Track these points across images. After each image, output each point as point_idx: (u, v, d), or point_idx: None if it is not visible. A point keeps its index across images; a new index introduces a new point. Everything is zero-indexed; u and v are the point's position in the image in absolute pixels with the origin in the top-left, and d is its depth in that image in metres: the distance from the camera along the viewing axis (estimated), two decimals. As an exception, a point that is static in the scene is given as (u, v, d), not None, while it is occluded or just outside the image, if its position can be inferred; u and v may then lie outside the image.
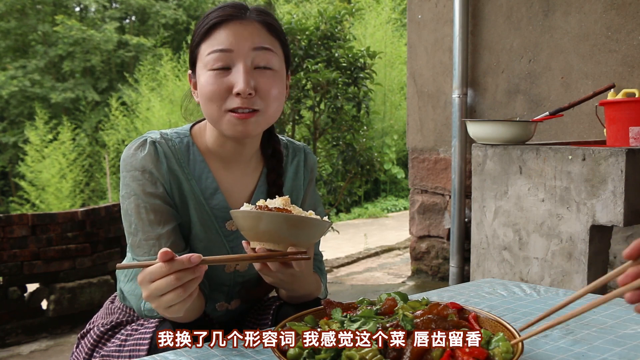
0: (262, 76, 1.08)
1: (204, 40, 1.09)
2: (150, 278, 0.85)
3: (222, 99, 1.06)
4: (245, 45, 1.06)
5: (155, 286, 0.85)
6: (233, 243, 1.19)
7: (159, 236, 1.09)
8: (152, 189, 1.09)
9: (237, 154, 1.18)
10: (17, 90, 15.27)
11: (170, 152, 1.13)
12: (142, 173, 1.09)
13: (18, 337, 3.28)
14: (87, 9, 18.58)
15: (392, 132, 12.04)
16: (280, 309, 1.21)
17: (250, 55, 1.06)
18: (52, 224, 3.38)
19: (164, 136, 1.15)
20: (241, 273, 1.22)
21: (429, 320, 0.82)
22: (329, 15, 5.21)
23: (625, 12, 2.82)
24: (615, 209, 1.90)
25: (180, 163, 1.14)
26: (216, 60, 1.06)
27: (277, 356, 0.77)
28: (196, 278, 0.87)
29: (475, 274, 2.39)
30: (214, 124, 1.10)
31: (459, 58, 3.43)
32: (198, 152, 1.16)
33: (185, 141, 1.17)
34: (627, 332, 0.95)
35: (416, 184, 3.99)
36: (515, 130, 2.26)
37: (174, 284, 0.84)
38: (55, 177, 12.34)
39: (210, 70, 1.06)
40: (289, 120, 5.21)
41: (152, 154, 1.10)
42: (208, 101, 1.07)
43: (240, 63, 1.06)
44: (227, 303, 1.23)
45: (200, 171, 1.15)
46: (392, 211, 11.00)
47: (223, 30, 1.07)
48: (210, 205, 1.15)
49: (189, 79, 1.18)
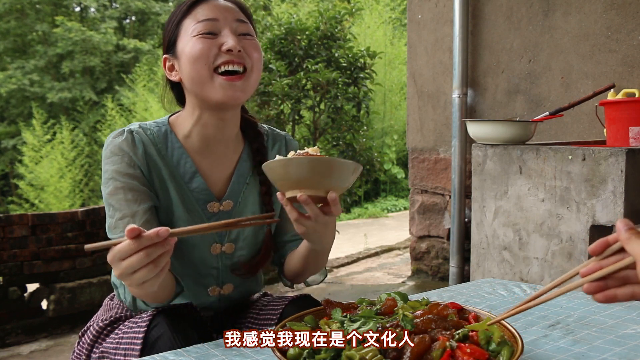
0: (246, 40, 1.15)
1: (186, 17, 1.15)
2: (120, 256, 0.85)
3: (210, 57, 1.11)
4: (229, 15, 1.15)
5: (126, 264, 0.85)
6: None
7: (134, 213, 1.11)
8: (129, 170, 1.13)
9: (219, 134, 1.21)
10: (16, 89, 15.26)
11: (148, 140, 1.17)
12: (121, 157, 1.13)
13: (18, 337, 3.28)
14: (87, 9, 18.58)
15: (392, 132, 12.04)
16: (284, 311, 1.21)
17: (233, 23, 1.15)
18: (52, 224, 3.38)
19: (142, 126, 1.20)
20: (228, 255, 1.23)
21: (429, 320, 0.82)
22: (329, 15, 5.21)
23: (625, 12, 2.82)
24: (615, 209, 1.90)
25: (159, 150, 1.18)
26: (203, 27, 1.12)
27: (277, 356, 0.77)
28: (166, 252, 0.87)
29: (475, 274, 2.39)
30: (201, 87, 1.13)
31: (459, 58, 3.43)
32: (176, 139, 1.20)
33: (164, 129, 1.21)
34: (627, 332, 0.95)
35: (416, 184, 3.99)
36: (515, 130, 2.26)
37: (145, 260, 0.84)
38: (54, 177, 12.33)
39: (197, 35, 1.12)
40: (289, 120, 5.21)
41: (129, 140, 1.15)
42: (196, 61, 1.11)
43: (227, 28, 1.13)
44: (219, 287, 1.24)
45: (178, 156, 1.19)
46: (392, 211, 11.00)
47: (205, 5, 1.15)
48: (191, 189, 1.19)
49: (164, 63, 1.21)
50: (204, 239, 1.19)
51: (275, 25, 5.38)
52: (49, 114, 15.15)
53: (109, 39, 16.42)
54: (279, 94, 4.94)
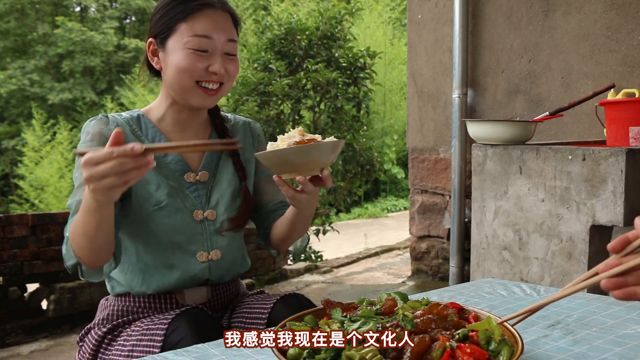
0: (230, 62, 1.27)
1: (185, 20, 1.22)
2: (96, 161, 0.90)
3: (196, 73, 1.22)
4: (222, 35, 1.24)
5: (98, 169, 0.90)
6: (195, 193, 1.29)
7: None
8: (100, 146, 1.17)
9: (191, 120, 1.33)
10: (16, 89, 15.25)
11: (122, 121, 1.28)
12: (92, 135, 1.23)
13: (18, 337, 3.28)
14: (87, 8, 18.57)
15: (392, 132, 12.04)
16: (273, 310, 1.24)
17: (224, 45, 1.25)
18: (52, 224, 3.38)
19: (114, 114, 1.30)
20: (211, 221, 1.29)
21: (429, 320, 0.82)
22: (329, 16, 5.21)
23: (625, 12, 2.82)
24: (615, 209, 1.90)
25: (133, 130, 1.28)
26: (198, 43, 1.21)
27: (277, 356, 0.77)
28: (137, 168, 0.91)
29: (475, 274, 2.39)
30: (181, 93, 1.25)
31: (459, 58, 3.43)
32: (149, 121, 1.31)
33: (136, 115, 1.31)
34: (627, 332, 0.95)
35: (416, 184, 3.99)
36: (515, 130, 2.26)
37: (116, 168, 0.90)
38: (54, 177, 12.33)
39: (190, 50, 1.21)
40: (289, 120, 5.21)
41: (102, 120, 1.25)
42: (183, 73, 1.22)
43: (218, 51, 1.24)
44: (206, 252, 1.29)
45: (153, 135, 1.29)
46: (392, 211, 11.00)
47: (204, 16, 1.23)
48: (167, 161, 1.28)
49: (149, 46, 1.28)
50: (186, 204, 1.26)
51: (275, 25, 5.38)
52: (49, 114, 15.15)
53: (109, 39, 16.42)
54: (279, 94, 4.94)
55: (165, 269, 1.25)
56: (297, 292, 1.33)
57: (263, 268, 4.52)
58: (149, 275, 1.25)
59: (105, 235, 1.07)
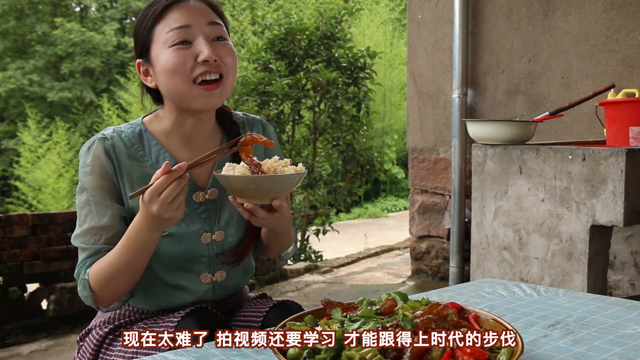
0: (221, 47, 1.16)
1: (158, 22, 1.15)
2: (159, 190, 1.01)
3: (187, 69, 1.12)
4: (201, 20, 1.15)
5: (164, 195, 1.01)
6: (205, 214, 1.24)
7: (103, 227, 1.16)
8: (101, 183, 1.17)
9: (196, 131, 1.24)
10: (15, 89, 15.24)
11: (122, 144, 1.20)
12: (92, 168, 1.17)
13: (18, 337, 3.28)
14: (87, 9, 18.56)
15: (392, 132, 12.05)
16: (269, 312, 1.24)
17: (206, 28, 1.15)
18: (52, 224, 3.38)
19: (116, 130, 1.22)
20: (218, 242, 1.24)
21: (429, 320, 0.82)
22: (329, 16, 5.21)
23: (625, 12, 2.82)
24: (615, 209, 1.90)
25: (136, 150, 1.21)
26: (176, 35, 1.12)
27: (277, 356, 0.77)
28: (186, 180, 1.04)
29: (475, 274, 2.39)
30: (180, 98, 1.16)
31: (459, 58, 3.43)
32: (152, 136, 1.23)
33: (138, 129, 1.23)
34: (627, 332, 0.95)
35: (416, 184, 3.99)
36: (515, 130, 2.26)
37: (178, 188, 1.02)
38: (51, 177, 12.31)
39: (172, 46, 1.13)
40: (289, 120, 5.21)
41: (101, 150, 1.18)
42: (173, 74, 1.13)
43: (200, 36, 1.14)
44: (211, 274, 1.25)
45: (157, 153, 1.22)
46: (392, 211, 11.00)
47: (176, 10, 1.14)
48: None
49: (138, 68, 1.22)
50: (194, 229, 1.21)
51: (275, 25, 5.38)
52: (49, 114, 15.13)
53: (108, 39, 16.41)
54: (279, 94, 4.94)
55: (169, 289, 1.23)
56: (296, 290, 1.32)
57: (263, 268, 4.52)
58: (152, 295, 1.24)
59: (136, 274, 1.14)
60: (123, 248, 1.10)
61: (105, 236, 1.16)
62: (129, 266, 1.10)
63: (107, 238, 1.16)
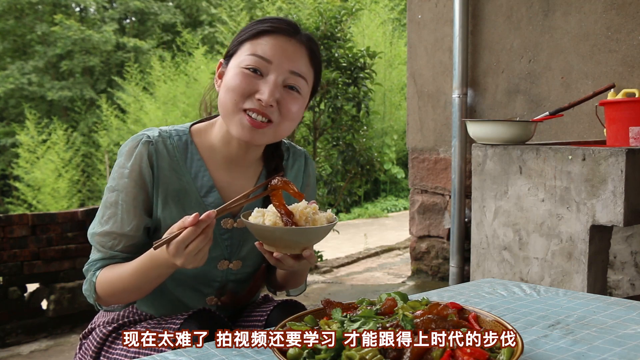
0: (288, 94, 1.12)
1: (250, 40, 1.12)
2: (185, 243, 0.97)
3: (243, 96, 1.09)
4: (285, 63, 1.10)
5: (190, 249, 0.98)
6: (229, 241, 1.21)
7: (124, 235, 1.14)
8: (134, 190, 1.13)
9: (239, 156, 1.20)
10: (15, 89, 15.23)
11: (165, 152, 1.15)
12: (130, 173, 1.13)
13: (18, 337, 3.28)
14: (87, 9, 18.56)
15: (392, 132, 12.04)
16: (272, 312, 1.24)
17: (284, 74, 1.11)
18: (52, 224, 3.38)
19: (162, 134, 1.17)
20: (233, 271, 1.24)
21: (429, 320, 0.82)
22: (328, 16, 5.21)
23: (625, 12, 2.82)
24: (615, 209, 1.90)
25: (177, 161, 1.16)
26: (253, 62, 1.10)
27: (277, 356, 0.77)
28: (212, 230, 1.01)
29: (475, 274, 2.39)
30: (225, 116, 1.13)
31: (459, 58, 3.43)
32: (196, 150, 1.19)
33: (184, 139, 1.19)
34: (627, 332, 0.95)
35: (416, 184, 3.99)
36: (515, 130, 2.26)
37: (205, 239, 0.99)
38: (50, 177, 12.29)
39: (244, 68, 1.10)
40: (289, 120, 5.19)
41: (143, 155, 1.13)
42: (229, 92, 1.10)
43: (273, 75, 1.10)
44: (217, 298, 1.25)
45: (197, 169, 1.18)
46: (392, 211, 11.00)
47: (271, 39, 1.11)
48: (207, 203, 1.18)
49: (218, 67, 1.20)
50: (214, 255, 1.18)
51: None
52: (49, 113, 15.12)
53: (108, 38, 16.40)
54: (279, 94, 4.92)
55: (174, 300, 1.24)
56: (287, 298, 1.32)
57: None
58: (158, 304, 1.24)
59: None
60: (136, 272, 1.08)
61: (124, 244, 1.14)
62: (138, 287, 1.11)
63: (125, 246, 1.14)
